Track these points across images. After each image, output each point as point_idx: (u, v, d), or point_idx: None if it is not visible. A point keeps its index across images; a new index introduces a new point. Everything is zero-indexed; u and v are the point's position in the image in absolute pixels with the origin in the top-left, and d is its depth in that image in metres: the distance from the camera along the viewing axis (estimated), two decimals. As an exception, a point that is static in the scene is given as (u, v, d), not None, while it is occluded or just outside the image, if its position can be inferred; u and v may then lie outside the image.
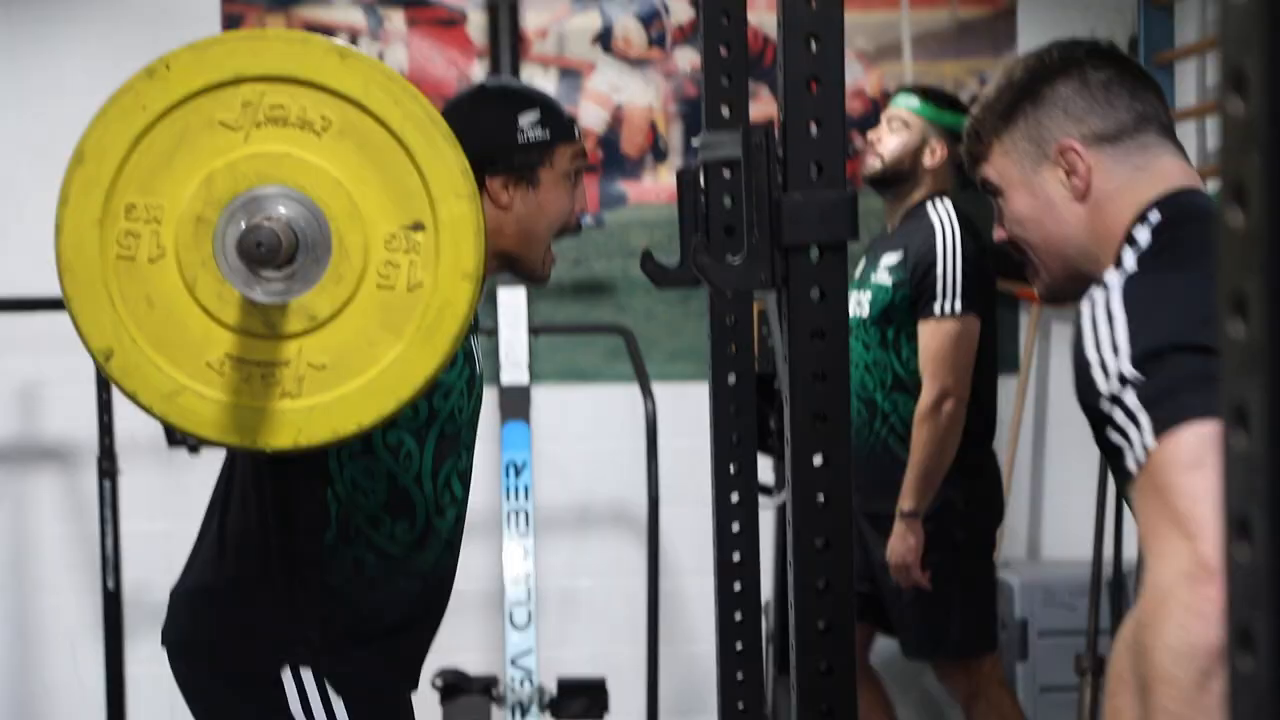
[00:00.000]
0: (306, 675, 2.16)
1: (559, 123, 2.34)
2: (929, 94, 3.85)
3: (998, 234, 1.86)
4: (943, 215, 3.71)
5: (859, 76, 4.71)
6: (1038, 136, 1.75)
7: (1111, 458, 1.51)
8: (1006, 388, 4.49)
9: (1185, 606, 1.35)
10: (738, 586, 2.21)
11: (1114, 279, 1.58)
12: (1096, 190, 1.73)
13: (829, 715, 1.58)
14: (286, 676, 2.15)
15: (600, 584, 4.68)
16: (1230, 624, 0.67)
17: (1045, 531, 4.81)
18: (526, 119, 2.31)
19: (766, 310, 3.14)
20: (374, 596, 2.21)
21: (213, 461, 4.20)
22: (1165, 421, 1.42)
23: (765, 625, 3.57)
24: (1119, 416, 1.47)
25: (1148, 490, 1.43)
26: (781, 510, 3.84)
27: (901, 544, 3.63)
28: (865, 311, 3.75)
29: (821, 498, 1.57)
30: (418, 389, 1.68)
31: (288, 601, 2.16)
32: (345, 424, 1.67)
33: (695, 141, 2.12)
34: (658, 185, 4.68)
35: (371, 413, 1.66)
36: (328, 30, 4.57)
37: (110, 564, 4.13)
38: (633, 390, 4.21)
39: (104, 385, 4.15)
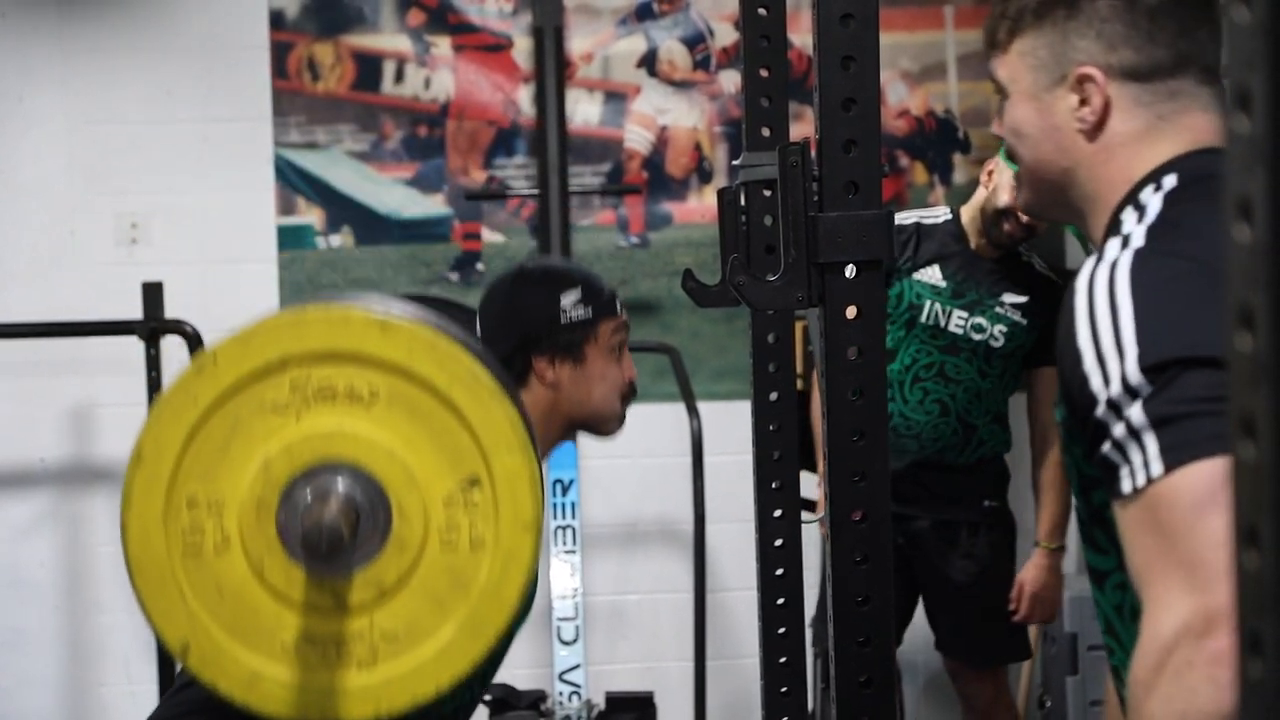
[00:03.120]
0: None
1: (600, 299, 2.38)
2: None
3: (995, 127, 1.70)
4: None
5: (904, 97, 4.73)
6: (1061, 52, 1.56)
7: (1093, 471, 1.41)
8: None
9: (1191, 666, 1.27)
10: (781, 601, 2.23)
11: (1120, 255, 1.42)
12: (1110, 132, 1.54)
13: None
14: None
15: (647, 600, 4.71)
16: (1240, 630, 0.69)
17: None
18: (568, 299, 2.35)
19: (810, 327, 3.18)
20: None
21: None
22: (1178, 452, 1.31)
23: (810, 639, 3.59)
24: (1118, 430, 1.35)
25: (1148, 525, 1.32)
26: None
27: (1050, 576, 3.83)
28: (1000, 344, 3.79)
29: (860, 514, 1.59)
30: (491, 645, 1.71)
31: None
32: (424, 688, 1.69)
33: (736, 162, 2.15)
34: (703, 205, 4.71)
35: (448, 673, 1.69)
36: (376, 57, 4.64)
37: (164, 583, 4.18)
38: (678, 408, 4.24)
39: (157, 406, 4.20)
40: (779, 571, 2.23)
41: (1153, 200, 1.50)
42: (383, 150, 4.67)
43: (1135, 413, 1.34)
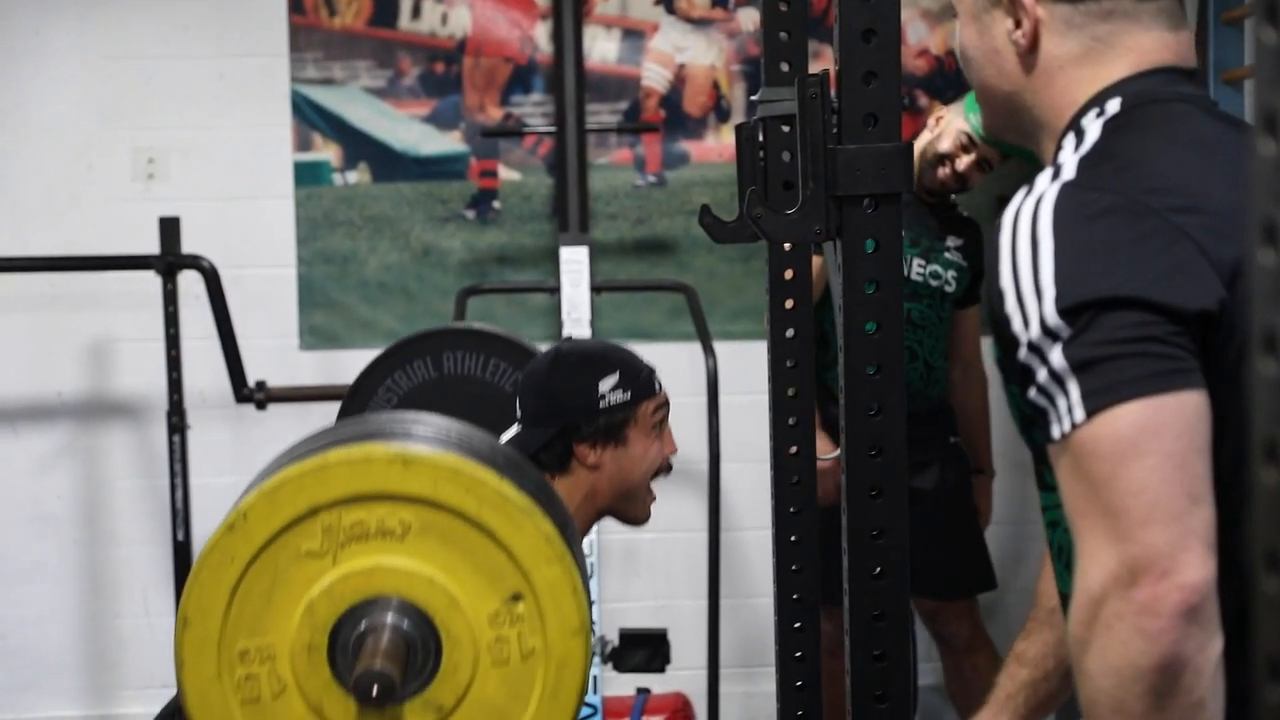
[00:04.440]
0: None
1: (639, 381, 2.38)
2: None
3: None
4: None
5: (924, 36, 4.70)
6: None
7: (1028, 411, 1.38)
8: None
9: (1120, 618, 1.26)
10: (794, 538, 2.24)
11: (1047, 189, 1.39)
12: (1045, 55, 1.50)
13: (881, 659, 1.60)
14: None
15: (662, 539, 4.72)
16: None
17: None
18: (607, 384, 2.35)
19: (826, 262, 3.18)
20: None
21: (279, 415, 4.27)
22: (1099, 396, 1.29)
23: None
24: (1040, 374, 1.34)
25: (1074, 472, 1.31)
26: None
27: (989, 500, 4.01)
28: (952, 288, 3.93)
29: (876, 448, 1.59)
30: None
31: None
32: None
33: (755, 97, 2.14)
34: (720, 144, 4.69)
35: None
36: (392, -10, 4.62)
37: (180, 516, 4.21)
38: (694, 348, 4.23)
39: (173, 342, 4.21)
40: (793, 509, 2.23)
41: (1093, 126, 1.46)
42: (399, 86, 4.65)
43: (1056, 356, 1.32)
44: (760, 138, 2.01)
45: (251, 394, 4.13)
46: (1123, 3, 1.48)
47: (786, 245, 2.17)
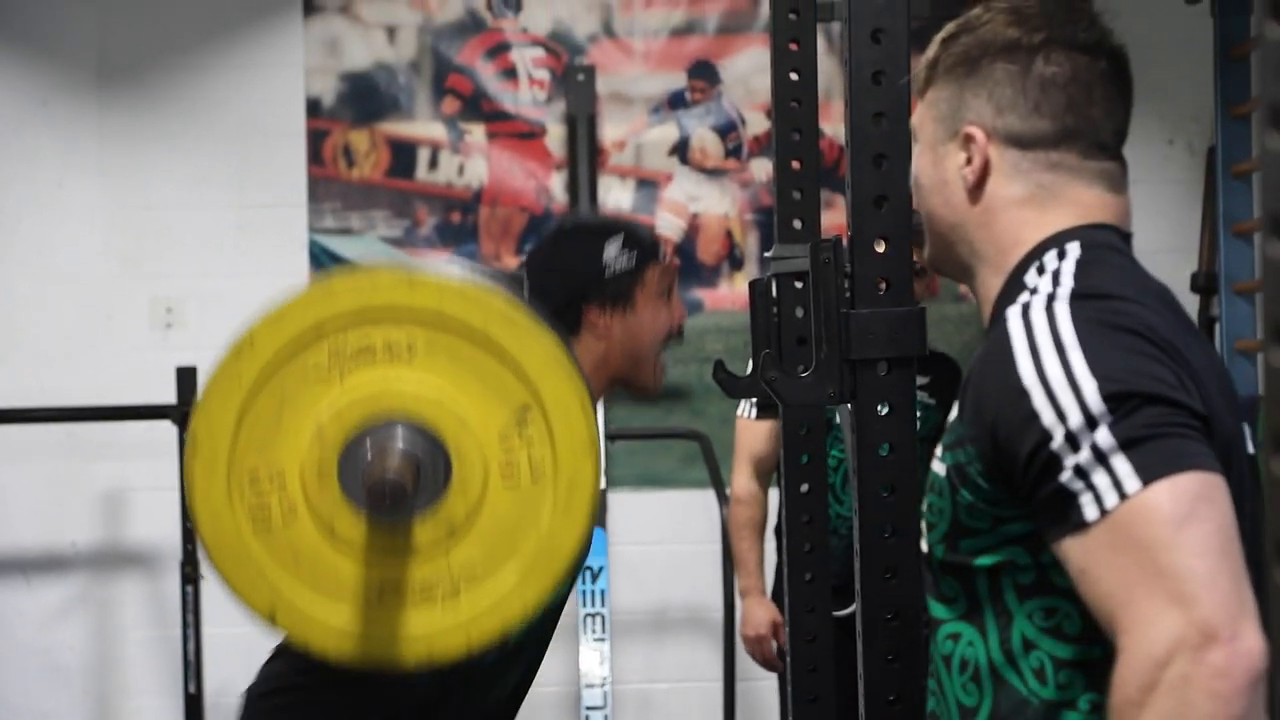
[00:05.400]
0: None
1: (643, 245, 2.39)
2: None
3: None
4: None
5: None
6: (956, 109, 1.56)
7: (1038, 506, 1.38)
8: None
9: (1189, 681, 1.26)
10: (813, 698, 2.22)
11: (1055, 303, 1.43)
12: (990, 194, 1.55)
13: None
14: None
15: (676, 688, 4.67)
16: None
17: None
18: (611, 249, 2.37)
19: (840, 419, 3.18)
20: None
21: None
22: (1156, 467, 1.31)
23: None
24: (1080, 458, 1.35)
25: (1121, 545, 1.32)
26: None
27: None
28: (918, 428, 3.81)
29: (891, 614, 1.59)
30: (569, 565, 1.73)
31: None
32: (510, 616, 1.71)
33: (768, 254, 2.16)
34: (734, 292, 4.72)
35: (532, 599, 1.71)
36: (410, 144, 4.68)
37: (192, 668, 4.18)
38: (708, 495, 4.23)
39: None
40: (810, 665, 2.21)
41: (1064, 264, 1.50)
42: (416, 236, 4.70)
43: (1102, 437, 1.34)
44: (774, 294, 2.03)
45: (265, 543, 4.11)
46: (1069, 158, 1.53)
47: (801, 402, 2.18)
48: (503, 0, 4.71)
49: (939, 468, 1.46)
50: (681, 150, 4.74)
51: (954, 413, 1.47)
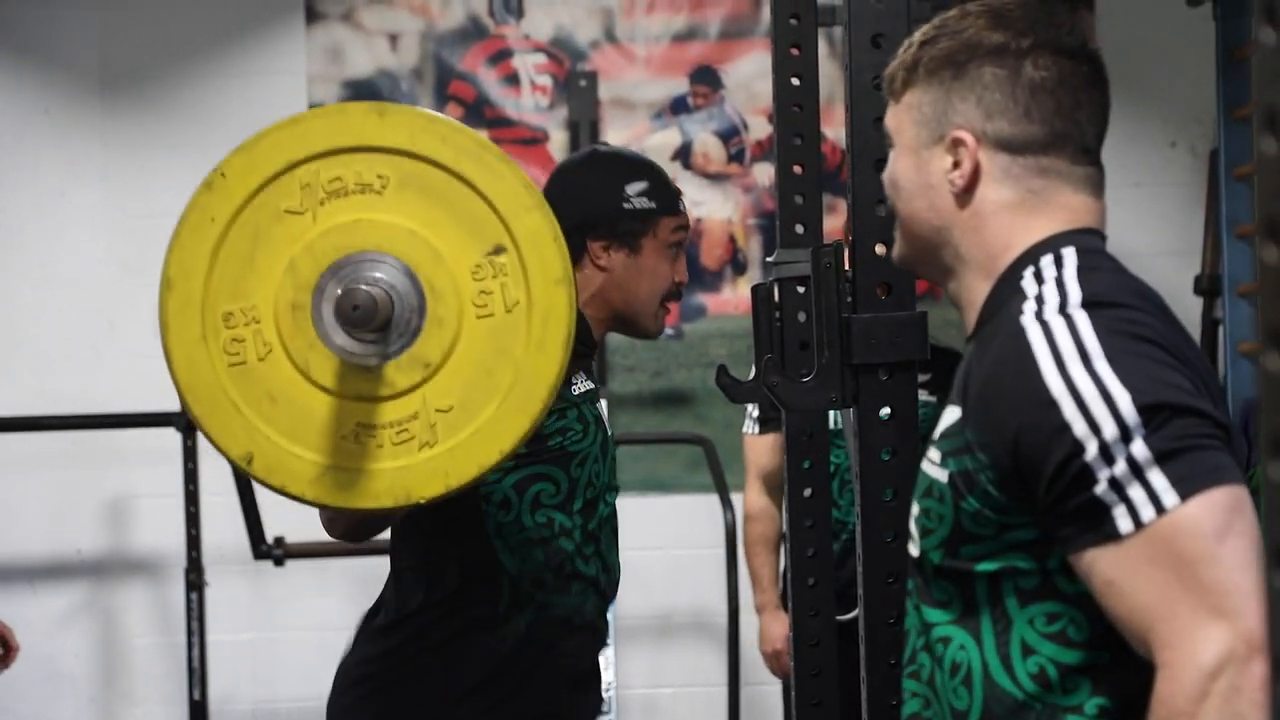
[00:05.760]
0: None
1: (665, 195, 2.40)
2: None
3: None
4: None
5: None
6: (942, 112, 1.54)
7: (1076, 516, 1.36)
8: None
9: (1239, 692, 1.28)
10: (816, 701, 2.21)
11: (1066, 301, 1.43)
12: (980, 198, 1.53)
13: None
14: None
15: (681, 693, 4.67)
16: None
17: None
18: (634, 188, 2.37)
19: (844, 426, 3.18)
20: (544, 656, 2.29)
21: (298, 571, 4.26)
22: (1194, 480, 1.32)
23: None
24: (1115, 470, 1.34)
25: (1160, 559, 1.32)
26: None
27: None
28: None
29: (893, 618, 1.59)
30: (545, 402, 1.72)
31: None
32: (488, 455, 1.70)
33: (770, 259, 2.16)
34: (737, 297, 4.72)
35: (509, 436, 1.71)
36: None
37: (197, 675, 4.19)
38: (712, 500, 4.23)
39: (192, 498, 4.22)
40: (814, 670, 2.21)
41: (1065, 271, 1.49)
42: (419, 242, 4.70)
43: (1138, 449, 1.34)
44: (776, 298, 2.03)
45: (270, 550, 4.12)
46: (1058, 163, 1.53)
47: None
48: (505, 7, 4.72)
49: (938, 473, 1.45)
50: (684, 155, 4.75)
51: (950, 414, 1.46)
